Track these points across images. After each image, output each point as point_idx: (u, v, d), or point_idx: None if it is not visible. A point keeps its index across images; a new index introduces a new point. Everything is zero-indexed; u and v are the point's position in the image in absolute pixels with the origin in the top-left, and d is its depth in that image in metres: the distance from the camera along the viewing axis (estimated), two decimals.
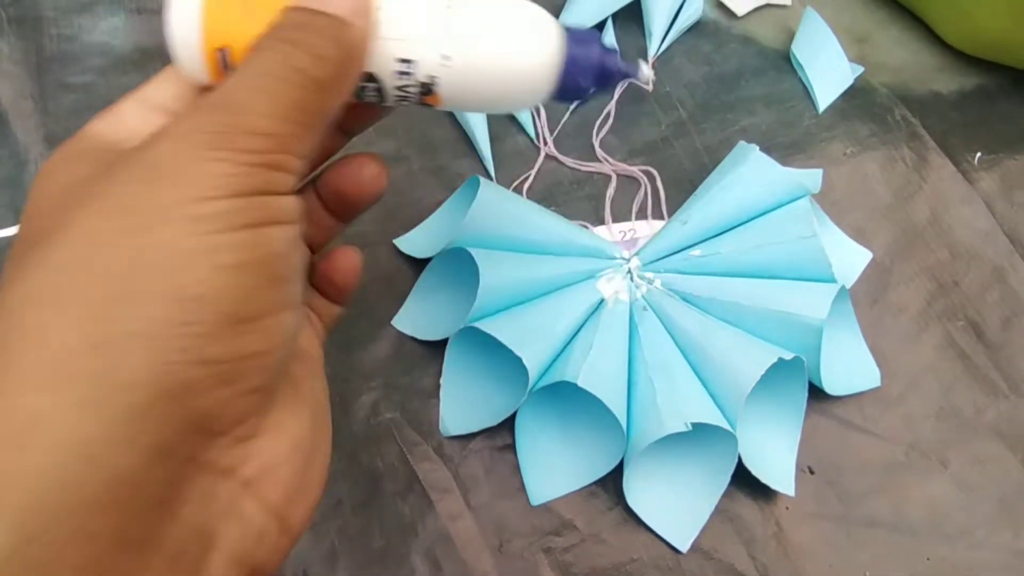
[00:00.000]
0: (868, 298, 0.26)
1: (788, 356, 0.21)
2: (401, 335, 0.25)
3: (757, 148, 0.26)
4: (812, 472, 0.24)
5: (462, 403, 0.23)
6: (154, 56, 0.32)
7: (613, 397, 0.21)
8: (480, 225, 0.24)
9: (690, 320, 0.24)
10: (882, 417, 0.24)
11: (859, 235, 0.28)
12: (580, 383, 0.21)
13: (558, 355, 0.23)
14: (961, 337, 0.26)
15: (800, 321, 0.22)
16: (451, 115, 0.31)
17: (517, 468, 0.23)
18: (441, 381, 0.24)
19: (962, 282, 0.27)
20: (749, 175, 0.25)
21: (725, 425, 0.21)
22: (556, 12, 0.34)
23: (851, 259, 0.27)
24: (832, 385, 0.24)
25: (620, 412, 0.21)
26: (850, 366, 0.24)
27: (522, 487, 0.23)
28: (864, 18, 0.34)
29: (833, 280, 0.24)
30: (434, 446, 0.23)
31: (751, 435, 0.23)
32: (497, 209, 0.25)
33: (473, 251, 0.23)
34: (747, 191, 0.25)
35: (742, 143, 0.26)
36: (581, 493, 0.23)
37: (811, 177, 0.26)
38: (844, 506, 0.23)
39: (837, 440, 0.24)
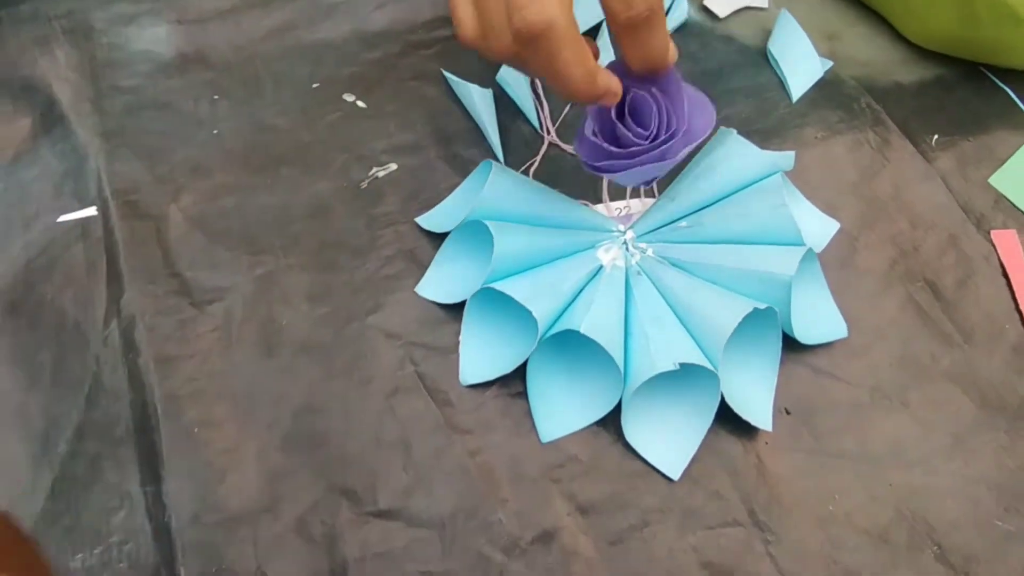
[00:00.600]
0: (837, 262, 0.30)
1: (762, 307, 0.24)
2: (424, 301, 0.29)
3: (736, 132, 0.29)
4: (788, 413, 0.27)
5: (479, 355, 0.27)
6: (194, 61, 0.36)
7: (612, 345, 0.25)
8: (493, 202, 0.27)
9: (678, 281, 0.27)
10: (850, 364, 0.28)
11: (829, 209, 0.31)
12: (583, 330, 0.24)
13: (564, 310, 0.27)
14: (920, 295, 0.29)
15: (772, 278, 0.25)
16: (463, 108, 0.34)
17: (529, 413, 0.26)
18: (460, 337, 0.27)
19: (921, 248, 0.30)
20: (729, 157, 0.29)
21: (708, 365, 0.24)
22: None
23: (820, 228, 0.30)
24: (803, 334, 0.27)
25: (618, 357, 0.25)
26: (819, 318, 0.28)
27: (533, 428, 0.26)
28: (834, 18, 0.38)
29: (802, 243, 0.27)
30: (455, 395, 0.27)
31: (733, 378, 0.26)
32: (508, 188, 0.28)
33: (488, 223, 0.26)
34: (727, 170, 0.29)
35: (723, 128, 0.30)
36: (585, 431, 0.26)
37: (785, 158, 0.30)
38: (816, 441, 0.26)
39: (810, 385, 0.27)
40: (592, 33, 0.36)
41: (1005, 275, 0.30)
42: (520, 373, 0.27)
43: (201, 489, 0.25)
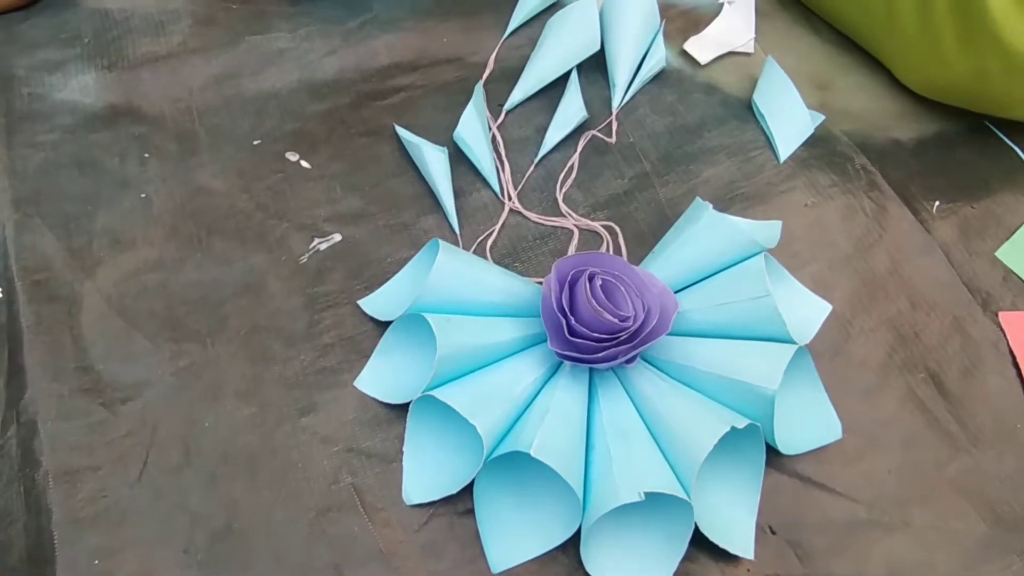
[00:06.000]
0: (829, 351, 0.27)
1: (741, 425, 0.21)
2: (365, 396, 0.26)
3: (711, 207, 0.26)
4: (773, 532, 0.24)
5: (424, 470, 0.24)
6: (123, 113, 0.33)
7: (569, 464, 0.22)
8: (439, 291, 0.24)
9: (648, 384, 0.24)
10: (842, 473, 0.25)
11: (819, 287, 0.28)
12: (533, 452, 0.21)
13: (517, 418, 0.23)
14: (921, 389, 0.26)
15: (753, 390, 0.22)
16: (417, 170, 0.31)
17: (478, 535, 0.23)
18: (403, 448, 0.24)
19: (922, 333, 0.27)
20: (704, 233, 0.26)
21: (680, 494, 0.21)
22: (522, 64, 0.34)
23: (810, 312, 0.27)
24: (790, 445, 0.24)
25: (576, 480, 0.22)
26: (810, 422, 0.24)
27: (483, 554, 0.23)
28: (826, 64, 0.35)
29: (789, 338, 0.24)
30: (395, 513, 0.24)
31: (710, 498, 0.23)
32: (456, 273, 0.25)
33: (431, 319, 0.23)
34: (702, 249, 0.25)
35: (698, 200, 0.27)
36: (542, 559, 0.23)
37: (770, 230, 0.27)
38: (805, 566, 0.23)
39: (797, 498, 0.24)
40: (563, 79, 0.33)
41: (1015, 364, 0.27)
42: (470, 486, 0.23)
43: None
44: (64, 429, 0.24)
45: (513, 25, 0.35)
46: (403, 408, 0.25)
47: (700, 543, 0.22)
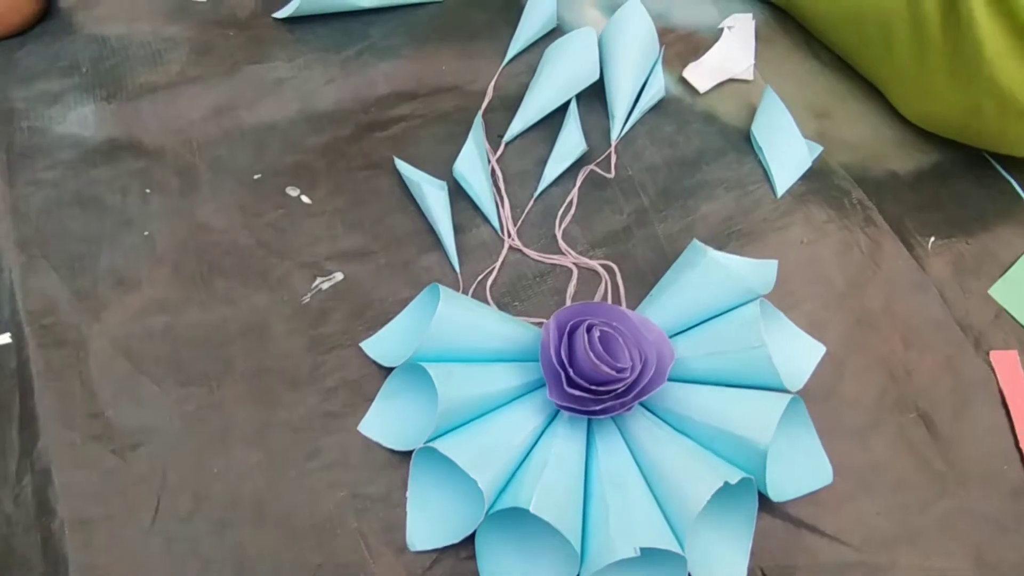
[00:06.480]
0: (821, 392, 0.27)
1: (734, 480, 0.22)
2: (368, 440, 0.26)
3: (709, 251, 0.26)
4: (764, 574, 0.24)
5: (427, 518, 0.24)
6: (124, 147, 0.33)
7: (567, 516, 0.22)
8: (439, 339, 0.25)
9: (645, 433, 0.24)
10: (834, 516, 0.25)
11: (813, 326, 0.28)
12: (532, 510, 0.21)
13: (517, 468, 0.24)
14: (912, 430, 0.27)
15: (747, 442, 0.23)
16: (416, 206, 0.31)
17: None
18: (407, 495, 0.25)
19: (914, 372, 0.28)
20: (701, 279, 0.26)
21: (675, 548, 0.22)
22: (521, 92, 0.34)
23: (804, 355, 0.27)
24: (781, 492, 0.24)
25: (574, 532, 0.22)
26: (802, 468, 0.25)
27: None
28: (825, 92, 0.35)
29: (781, 387, 0.24)
30: (398, 560, 0.24)
31: (703, 543, 0.23)
32: (456, 321, 0.25)
33: (432, 372, 0.23)
34: (700, 294, 0.26)
35: (696, 243, 0.27)
36: None
37: (766, 272, 0.27)
38: None
39: (788, 540, 0.25)
40: (562, 109, 0.33)
41: (1004, 404, 0.27)
42: (472, 534, 0.24)
43: None
44: (77, 478, 0.25)
45: (512, 52, 0.35)
46: (406, 451, 0.25)
47: None
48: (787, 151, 0.32)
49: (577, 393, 0.23)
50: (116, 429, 0.26)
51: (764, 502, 0.25)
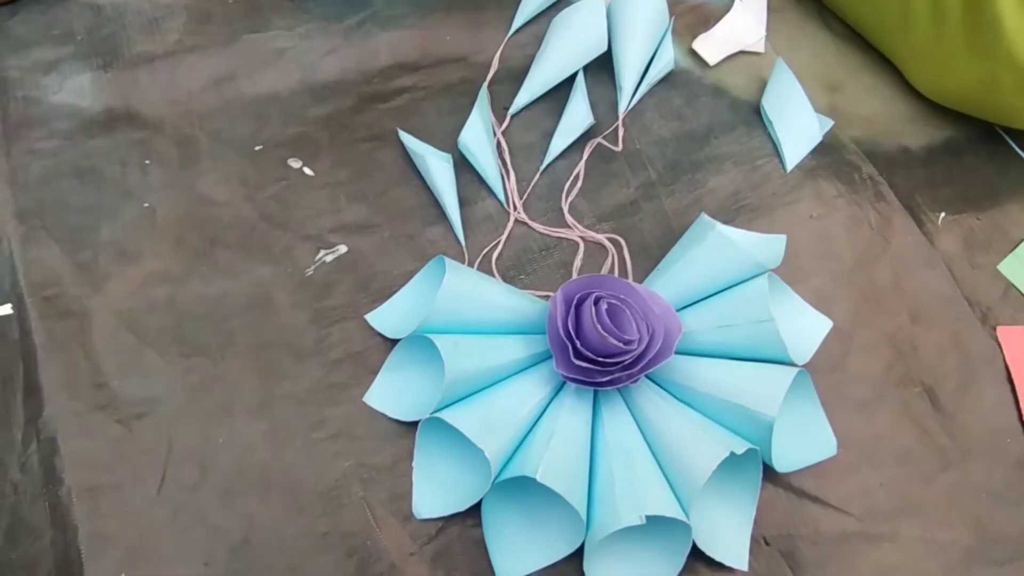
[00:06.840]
0: (827, 365, 0.27)
1: (740, 450, 0.22)
2: (374, 411, 0.26)
3: (717, 225, 0.26)
4: (767, 543, 0.25)
5: (434, 487, 0.24)
6: (122, 118, 0.32)
7: (573, 486, 0.22)
8: (446, 310, 0.25)
9: (651, 404, 0.24)
10: (836, 486, 0.25)
11: (821, 301, 0.28)
12: (539, 478, 0.22)
13: (523, 439, 0.24)
14: (916, 404, 0.27)
15: (753, 414, 0.23)
16: (421, 179, 0.31)
17: (485, 547, 0.24)
18: (413, 464, 0.25)
19: (920, 347, 0.28)
20: (709, 253, 0.26)
21: (680, 516, 0.22)
22: (527, 64, 0.33)
23: (811, 329, 0.27)
24: (785, 463, 0.25)
25: (580, 501, 0.22)
26: (806, 440, 0.25)
27: (490, 566, 0.24)
28: (837, 65, 0.34)
29: (788, 360, 0.24)
30: (405, 527, 0.24)
31: (707, 512, 0.24)
32: (462, 293, 0.25)
33: (439, 344, 0.23)
34: (707, 269, 0.26)
35: (703, 216, 0.27)
36: (546, 571, 0.24)
37: (774, 246, 0.27)
38: None
39: (791, 510, 0.25)
40: (570, 80, 0.32)
41: (1010, 379, 0.27)
42: (477, 503, 0.24)
43: None
44: (84, 447, 0.25)
45: (518, 22, 0.34)
46: (411, 423, 0.25)
47: (696, 554, 0.23)
48: (798, 125, 0.31)
49: (584, 365, 0.23)
50: (121, 399, 0.26)
51: (768, 472, 0.25)
